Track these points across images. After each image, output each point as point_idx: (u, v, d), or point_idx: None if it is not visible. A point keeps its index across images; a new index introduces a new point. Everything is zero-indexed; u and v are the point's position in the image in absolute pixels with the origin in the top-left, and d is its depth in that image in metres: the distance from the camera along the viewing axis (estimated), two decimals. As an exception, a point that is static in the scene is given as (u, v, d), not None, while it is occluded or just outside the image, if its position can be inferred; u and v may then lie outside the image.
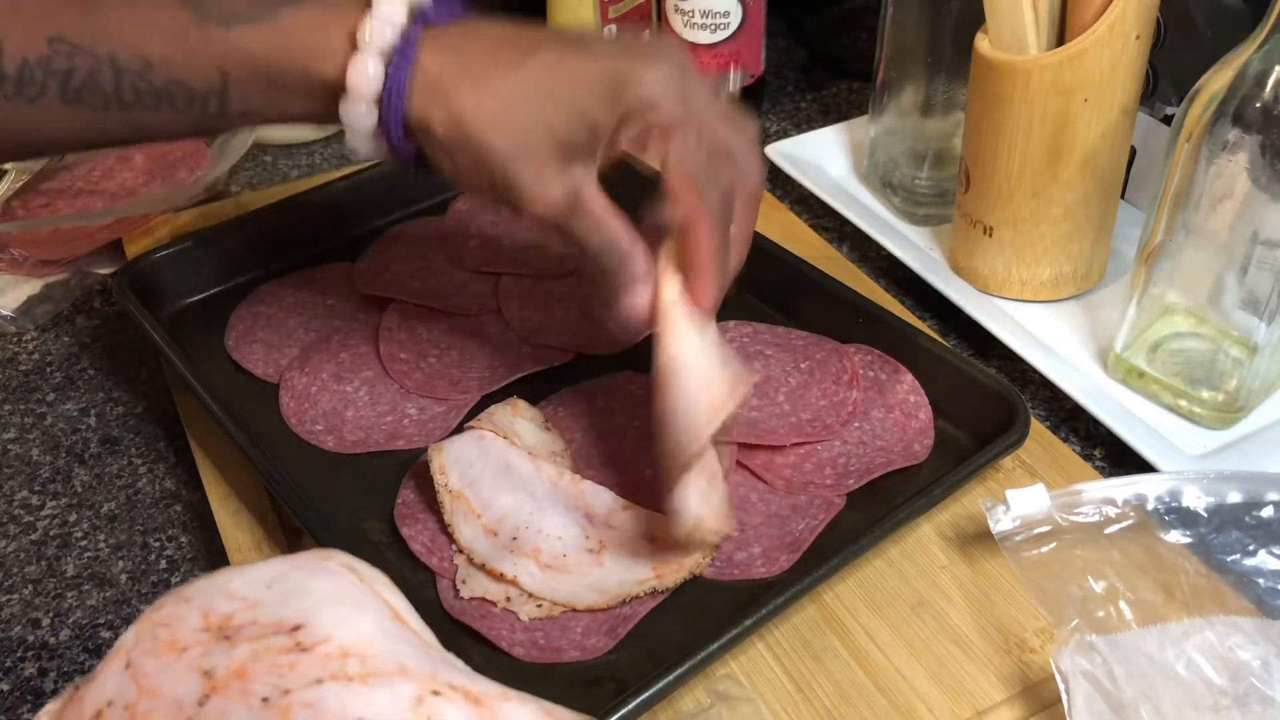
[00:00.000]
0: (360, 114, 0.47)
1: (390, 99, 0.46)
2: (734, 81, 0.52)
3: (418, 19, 0.47)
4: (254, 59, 0.46)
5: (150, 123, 0.48)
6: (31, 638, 0.55)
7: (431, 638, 0.36)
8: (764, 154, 0.49)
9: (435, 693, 0.33)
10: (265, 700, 0.32)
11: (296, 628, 0.34)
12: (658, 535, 0.53)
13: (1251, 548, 0.50)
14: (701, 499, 0.51)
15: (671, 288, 0.50)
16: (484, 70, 0.46)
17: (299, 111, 0.48)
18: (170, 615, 0.35)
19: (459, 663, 0.35)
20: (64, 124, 0.47)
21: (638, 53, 0.46)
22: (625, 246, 0.48)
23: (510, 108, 0.45)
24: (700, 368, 0.50)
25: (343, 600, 0.35)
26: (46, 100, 0.46)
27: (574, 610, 0.51)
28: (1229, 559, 0.49)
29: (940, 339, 0.64)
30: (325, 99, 0.47)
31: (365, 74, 0.46)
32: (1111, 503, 0.50)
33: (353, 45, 0.46)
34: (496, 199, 0.47)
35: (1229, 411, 0.59)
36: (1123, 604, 0.47)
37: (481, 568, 0.52)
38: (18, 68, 0.45)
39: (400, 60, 0.46)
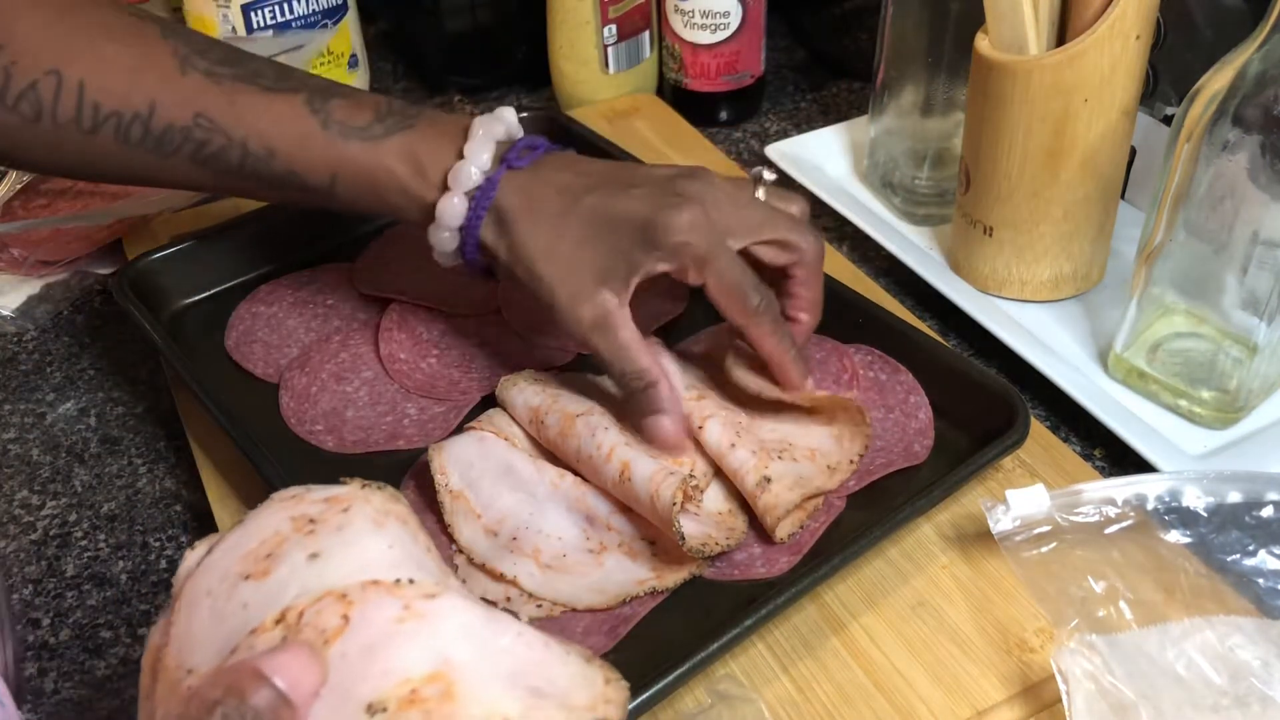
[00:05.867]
0: (444, 238, 0.56)
1: (469, 229, 0.55)
2: (765, 174, 0.57)
3: (502, 161, 0.55)
4: (362, 170, 0.56)
5: (262, 193, 0.58)
6: (31, 638, 0.55)
7: None
8: (812, 227, 0.56)
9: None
10: None
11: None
12: (659, 539, 0.53)
13: (1251, 548, 0.50)
14: (695, 522, 0.52)
15: None
16: (542, 212, 0.54)
17: (396, 217, 0.59)
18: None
19: None
20: (186, 176, 0.57)
21: (668, 201, 0.52)
22: (646, 377, 0.53)
23: (556, 243, 0.54)
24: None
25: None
26: (178, 158, 0.55)
27: (574, 610, 0.51)
28: (1229, 559, 0.49)
29: (940, 339, 0.64)
30: (418, 213, 0.57)
31: (451, 210, 0.55)
32: (1111, 503, 0.50)
33: (445, 184, 0.55)
34: (542, 309, 0.55)
35: (1229, 411, 0.59)
36: (1123, 604, 0.47)
37: (481, 568, 0.52)
38: (162, 129, 0.54)
39: (481, 200, 0.55)
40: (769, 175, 0.57)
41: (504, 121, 0.56)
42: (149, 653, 0.36)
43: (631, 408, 0.54)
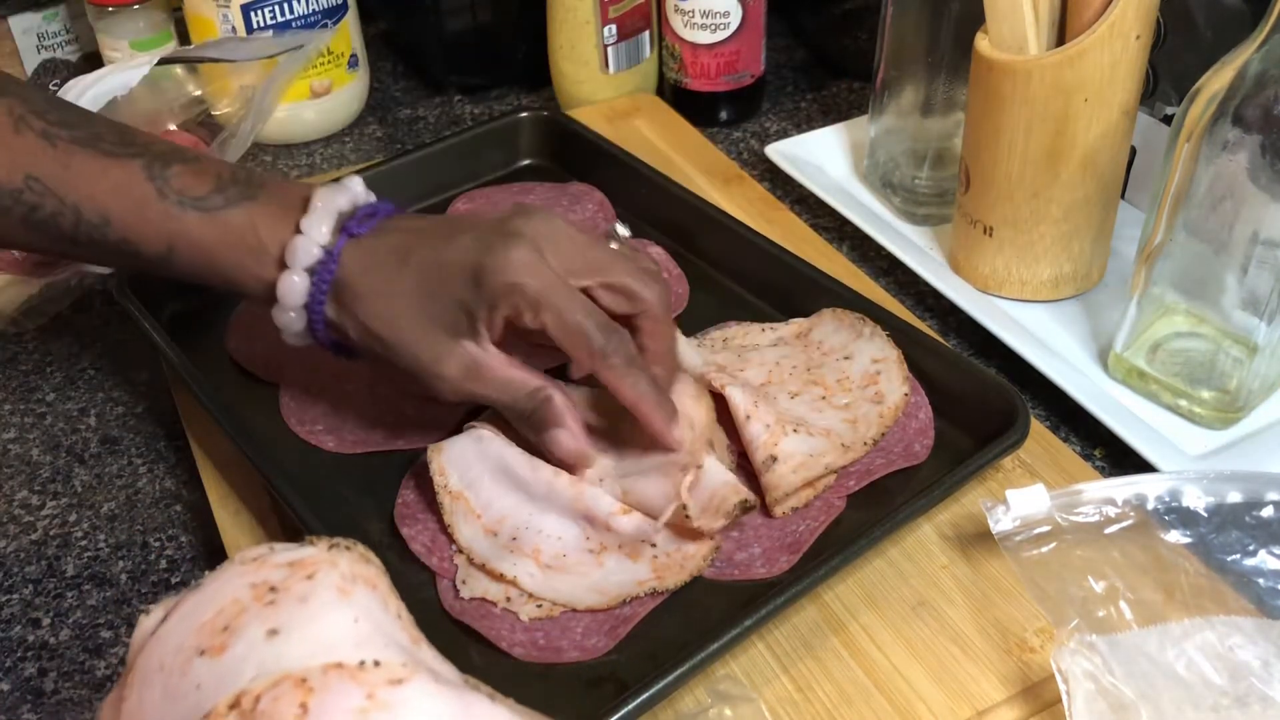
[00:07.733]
0: (290, 319, 0.54)
1: (313, 308, 0.53)
2: (619, 228, 0.56)
3: (343, 231, 0.52)
4: (198, 243, 0.53)
5: (100, 261, 0.56)
6: (31, 638, 0.55)
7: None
8: (664, 283, 0.54)
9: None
10: None
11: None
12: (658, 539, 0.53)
13: (1251, 548, 0.50)
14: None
15: None
16: (379, 278, 0.52)
17: (237, 291, 0.55)
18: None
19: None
20: (21, 239, 0.54)
21: (498, 241, 0.50)
22: (537, 396, 0.52)
23: (397, 309, 0.52)
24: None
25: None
26: (10, 220, 0.53)
27: (574, 610, 0.51)
28: (1229, 559, 0.49)
29: (940, 339, 0.64)
30: (260, 290, 0.54)
31: (292, 289, 0.52)
32: (1111, 503, 0.50)
33: (283, 261, 0.52)
34: (414, 384, 0.53)
35: (1229, 411, 0.59)
36: (1123, 604, 0.47)
37: (481, 568, 0.52)
38: None
39: (322, 276, 0.52)
40: (623, 230, 0.55)
41: (349, 191, 0.54)
42: None
43: (529, 426, 0.53)
